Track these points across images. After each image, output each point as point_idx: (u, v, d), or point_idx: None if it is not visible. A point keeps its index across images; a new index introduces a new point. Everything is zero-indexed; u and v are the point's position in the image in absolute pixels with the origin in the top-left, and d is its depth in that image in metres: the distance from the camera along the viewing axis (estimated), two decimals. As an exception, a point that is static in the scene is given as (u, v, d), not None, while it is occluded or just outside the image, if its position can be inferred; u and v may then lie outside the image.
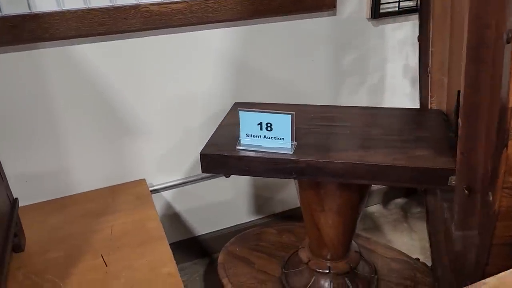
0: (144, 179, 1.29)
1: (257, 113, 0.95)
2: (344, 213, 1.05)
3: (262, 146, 0.96)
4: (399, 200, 1.77)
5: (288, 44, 1.34)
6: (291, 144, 0.95)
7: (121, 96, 1.20)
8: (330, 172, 0.91)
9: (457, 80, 1.03)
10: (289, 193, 1.57)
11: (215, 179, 1.43)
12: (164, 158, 1.33)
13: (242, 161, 0.95)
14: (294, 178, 0.94)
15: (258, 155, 0.95)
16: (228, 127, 1.08)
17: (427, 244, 1.51)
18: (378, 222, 1.66)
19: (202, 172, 0.98)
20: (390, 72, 1.53)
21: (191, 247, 1.47)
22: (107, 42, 1.14)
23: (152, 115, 1.26)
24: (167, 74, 1.23)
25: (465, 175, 0.83)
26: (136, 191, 1.23)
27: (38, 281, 0.92)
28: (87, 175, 1.25)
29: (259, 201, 1.53)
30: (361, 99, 1.51)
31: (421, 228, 1.61)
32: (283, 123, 0.94)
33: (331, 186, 1.02)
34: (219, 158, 0.96)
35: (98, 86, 1.17)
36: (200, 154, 0.96)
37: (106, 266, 0.95)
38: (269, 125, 0.95)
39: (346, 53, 1.43)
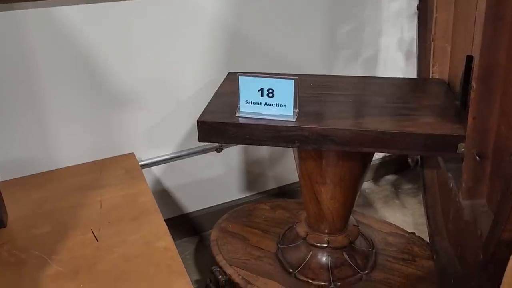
0: (132, 153, 1.23)
1: (258, 78, 0.90)
2: (345, 184, 1.02)
3: (263, 113, 0.92)
4: (390, 177, 1.76)
5: (283, 13, 1.29)
6: (294, 111, 0.90)
7: (107, 64, 1.13)
8: (335, 140, 0.87)
9: (461, 47, 1.00)
10: (281, 170, 1.53)
11: (205, 154, 1.38)
12: (153, 131, 1.27)
13: (243, 129, 0.90)
14: (298, 147, 0.90)
15: (259, 122, 0.90)
16: (225, 96, 1.02)
17: (420, 220, 1.51)
18: (370, 198, 1.64)
19: (199, 141, 0.93)
20: (384, 45, 1.50)
21: (181, 225, 1.42)
22: (92, 4, 1.06)
23: (140, 85, 1.19)
24: (155, 41, 1.16)
25: (476, 140, 0.80)
26: (125, 165, 1.16)
27: (24, 258, 0.86)
28: (72, 148, 1.18)
29: (251, 177, 1.49)
30: (355, 72, 1.48)
31: (413, 204, 1.60)
32: (285, 89, 0.89)
33: (333, 156, 0.98)
34: (218, 126, 0.91)
35: (82, 53, 1.09)
36: (198, 122, 0.91)
37: (97, 241, 0.90)
38: (270, 91, 0.90)
39: (342, 24, 1.39)
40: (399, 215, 1.54)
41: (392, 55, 1.53)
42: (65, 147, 1.17)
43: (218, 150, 1.38)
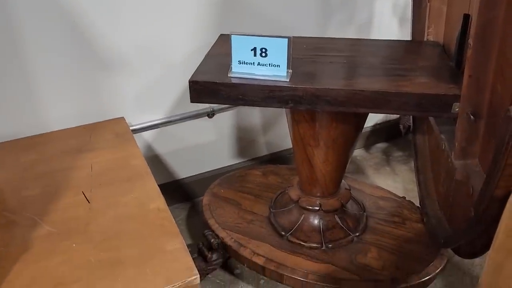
0: (123, 117, 1.20)
1: (251, 37, 0.87)
2: (338, 147, 1.02)
3: (256, 74, 0.90)
4: (381, 145, 1.77)
5: (276, -27, 1.25)
6: (287, 71, 0.89)
7: (96, 27, 1.09)
8: (329, 101, 0.86)
9: (457, 7, 0.98)
10: (273, 136, 1.52)
11: (197, 119, 1.36)
12: (143, 96, 1.24)
13: (235, 89, 0.88)
14: (291, 108, 0.89)
15: (252, 82, 0.88)
16: (217, 57, 1.00)
17: (410, 186, 1.52)
18: (361, 166, 1.65)
19: (191, 101, 0.91)
20: (378, 9, 1.48)
21: (172, 191, 1.41)
22: (78, -40, 1.02)
23: (130, 48, 1.16)
24: (146, 3, 1.12)
25: (471, 99, 0.80)
26: (115, 129, 1.14)
27: (15, 219, 0.85)
28: (60, 112, 1.15)
29: (243, 143, 1.48)
30: (349, 36, 1.45)
31: (403, 171, 1.61)
32: (278, 48, 0.87)
33: (326, 118, 0.98)
34: (210, 86, 0.89)
35: (70, 15, 1.05)
36: (189, 82, 0.89)
37: (89, 202, 0.89)
38: (263, 50, 0.88)
39: (336, -14, 1.36)
40: (390, 182, 1.56)
41: (386, 20, 1.51)
42: (54, 111, 1.14)
43: (210, 115, 1.37)
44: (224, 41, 1.08)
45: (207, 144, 1.42)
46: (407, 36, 1.46)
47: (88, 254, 0.76)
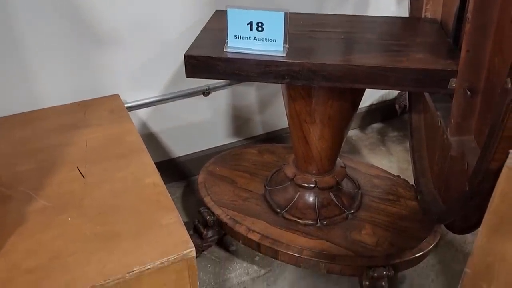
0: (117, 94, 1.19)
1: (247, 11, 0.86)
2: (334, 124, 1.01)
3: (252, 48, 0.89)
4: (377, 125, 1.77)
5: None
6: (284, 46, 0.88)
7: (90, 2, 1.07)
8: (326, 76, 0.86)
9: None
10: (270, 115, 1.52)
11: (192, 98, 1.35)
12: (138, 73, 1.23)
13: (231, 64, 0.88)
14: (287, 83, 0.88)
15: (248, 57, 0.87)
16: (213, 32, 0.99)
17: (404, 166, 1.53)
18: (357, 145, 1.66)
19: (187, 76, 0.90)
20: (376, -13, 1.46)
21: (167, 169, 1.41)
22: None
23: (124, 24, 1.14)
24: (140, -25, 1.11)
25: (468, 75, 0.80)
26: (110, 106, 1.14)
27: (9, 194, 0.84)
28: (53, 88, 1.14)
29: (239, 122, 1.48)
30: (346, 13, 1.44)
31: (398, 151, 1.62)
32: (275, 23, 0.86)
33: (323, 95, 0.97)
34: (206, 61, 0.88)
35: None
36: (185, 56, 0.88)
37: (84, 177, 0.88)
38: (260, 24, 0.87)
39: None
40: (385, 161, 1.56)
41: (384, -1, 1.49)
42: (48, 87, 1.13)
43: (205, 93, 1.37)
44: (220, 16, 1.06)
45: (202, 122, 1.41)
46: (405, 14, 1.45)
47: (83, 227, 0.76)
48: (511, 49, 0.64)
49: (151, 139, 1.35)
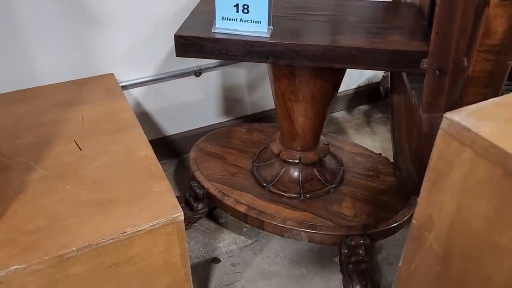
0: (112, 73, 1.25)
1: (234, -6, 0.91)
2: (317, 102, 1.08)
3: (238, 29, 0.94)
4: (362, 107, 1.83)
5: None
6: (268, 28, 0.93)
7: (84, -20, 1.12)
8: (308, 56, 0.91)
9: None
10: (259, 96, 1.58)
11: (184, 78, 1.41)
12: (132, 52, 1.28)
13: (219, 43, 0.93)
14: (271, 63, 0.94)
15: (235, 38, 0.93)
16: (202, 14, 1.04)
17: (387, 145, 1.60)
18: (343, 126, 1.72)
19: (177, 55, 0.96)
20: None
21: (160, 147, 1.47)
22: None
23: (119, 4, 1.19)
24: (133, -42, 1.15)
25: (438, 55, 0.85)
26: (104, 84, 1.19)
27: (10, 164, 0.90)
28: (51, 67, 1.19)
29: (229, 102, 1.54)
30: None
31: (382, 132, 1.69)
32: (260, 5, 0.91)
33: (306, 74, 1.03)
34: (195, 41, 0.93)
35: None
36: (175, 36, 0.93)
37: (81, 150, 0.94)
38: (245, 7, 0.92)
39: None
40: (368, 141, 1.63)
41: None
42: (44, 65, 1.18)
43: (197, 74, 1.42)
44: (209, -1, 1.11)
45: (194, 102, 1.47)
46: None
47: (81, 194, 0.83)
48: (473, 31, 0.70)
49: (144, 118, 1.41)
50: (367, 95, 1.81)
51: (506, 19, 0.59)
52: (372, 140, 1.64)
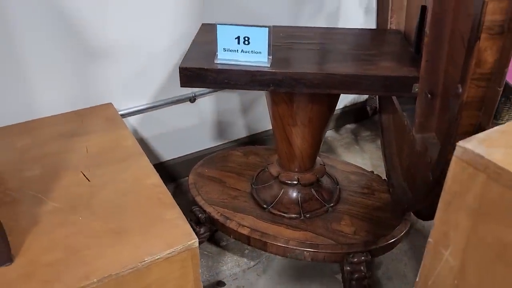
0: (111, 103, 1.27)
1: (234, 26, 0.96)
2: (314, 125, 1.13)
3: (240, 60, 0.99)
4: (349, 125, 1.90)
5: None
6: (268, 57, 0.98)
7: (82, 16, 1.15)
8: (306, 83, 0.97)
9: (415, 1, 1.10)
10: (252, 118, 1.62)
11: (180, 104, 1.44)
12: (129, 82, 1.31)
13: (222, 74, 0.97)
14: (272, 90, 0.99)
15: (237, 68, 0.97)
16: (202, 45, 1.08)
17: (377, 162, 1.66)
18: (332, 145, 1.78)
19: (181, 86, 1.00)
20: (345, 0, 1.59)
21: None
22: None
23: (115, 36, 1.23)
24: (130, -8, 1.19)
25: (428, 80, 0.92)
26: (104, 114, 1.21)
27: (19, 197, 0.91)
28: (49, 98, 1.21)
29: (223, 126, 1.58)
30: (318, 25, 1.56)
31: (371, 149, 1.75)
32: (260, 37, 0.97)
33: (303, 100, 1.08)
34: (199, 72, 0.98)
35: (57, 4, 1.11)
36: (180, 68, 0.97)
37: (89, 180, 0.96)
38: (246, 39, 0.97)
39: (307, -22, 1.46)
40: (359, 159, 1.69)
41: (353, 9, 1.62)
42: (43, 97, 1.20)
43: (192, 100, 1.46)
44: (206, 29, 1.16)
45: (189, 127, 1.50)
46: (372, 23, 1.58)
47: (94, 225, 0.84)
48: (461, 59, 0.76)
49: (142, 144, 1.41)
50: (353, 114, 1.88)
51: (495, 51, 0.65)
52: (362, 158, 1.70)
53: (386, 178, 1.34)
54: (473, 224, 0.47)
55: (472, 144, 0.46)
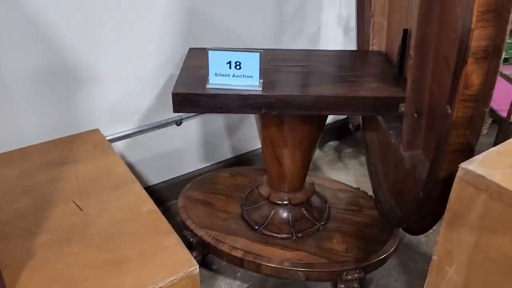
0: (97, 129, 1.26)
1: (226, 52, 0.98)
2: (304, 146, 1.15)
3: (231, 84, 1.01)
4: (332, 143, 1.94)
5: (235, -9, 1.37)
6: (259, 81, 1.00)
7: (67, 42, 1.15)
8: (298, 105, 0.99)
9: (396, 23, 1.15)
10: (238, 139, 1.63)
11: (165, 128, 1.44)
12: (115, 107, 1.30)
13: (214, 99, 0.99)
14: (264, 113, 1.01)
15: (229, 92, 0.99)
16: (192, 70, 1.10)
17: (361, 178, 1.70)
18: (317, 163, 1.81)
19: (174, 111, 1.00)
20: (324, 21, 1.64)
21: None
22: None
23: (100, 60, 1.22)
24: (116, 18, 1.19)
25: (414, 100, 0.96)
26: (92, 140, 1.20)
27: (10, 231, 0.89)
28: (35, 126, 1.19)
29: (209, 148, 1.58)
30: (301, 46, 1.60)
31: (354, 165, 1.79)
32: (251, 61, 0.99)
33: (293, 122, 1.10)
34: (191, 97, 0.98)
35: (41, 30, 1.10)
36: (172, 94, 0.98)
37: (81, 210, 0.95)
38: (238, 63, 0.99)
39: (287, 1, 1.50)
40: (343, 176, 1.72)
41: (332, 30, 1.67)
42: (29, 125, 1.18)
43: (178, 123, 1.46)
44: (194, 54, 1.17)
45: (175, 150, 1.50)
46: (351, 45, 1.64)
47: (92, 255, 0.83)
48: (445, 80, 0.80)
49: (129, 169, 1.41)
50: (336, 131, 1.92)
51: (481, 74, 0.69)
52: (346, 175, 1.73)
53: (372, 195, 1.37)
54: (476, 241, 0.49)
55: (473, 166, 0.49)
